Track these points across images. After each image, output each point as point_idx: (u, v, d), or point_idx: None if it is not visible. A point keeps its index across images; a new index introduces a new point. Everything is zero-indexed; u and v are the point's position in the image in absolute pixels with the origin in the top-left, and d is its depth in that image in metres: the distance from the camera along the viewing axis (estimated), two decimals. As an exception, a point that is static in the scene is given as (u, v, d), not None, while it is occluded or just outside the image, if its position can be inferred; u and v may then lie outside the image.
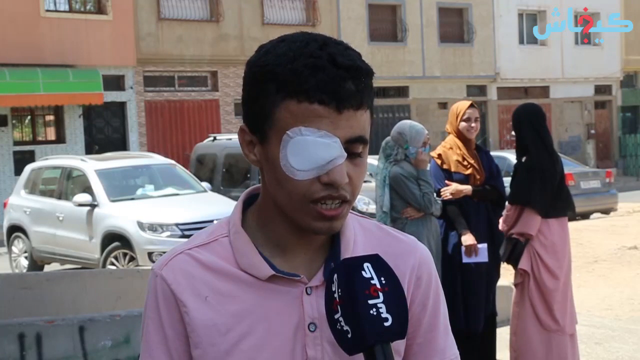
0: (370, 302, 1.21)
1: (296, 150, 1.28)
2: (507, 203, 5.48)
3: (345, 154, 1.29)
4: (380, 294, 1.22)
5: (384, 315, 1.21)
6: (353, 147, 1.30)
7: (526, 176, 5.24)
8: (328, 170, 1.28)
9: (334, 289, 1.24)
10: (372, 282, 1.23)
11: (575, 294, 8.45)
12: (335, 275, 1.25)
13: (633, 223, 14.66)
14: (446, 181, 5.67)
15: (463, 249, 5.59)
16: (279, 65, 1.29)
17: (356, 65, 1.29)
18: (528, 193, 5.20)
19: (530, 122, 5.30)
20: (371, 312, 1.21)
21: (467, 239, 5.58)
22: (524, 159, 5.31)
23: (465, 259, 5.59)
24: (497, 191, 5.70)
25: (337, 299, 1.23)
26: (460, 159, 5.69)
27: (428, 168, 5.68)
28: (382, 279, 1.24)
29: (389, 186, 5.63)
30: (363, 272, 1.23)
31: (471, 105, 5.75)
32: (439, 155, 5.77)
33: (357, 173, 1.32)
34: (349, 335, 1.22)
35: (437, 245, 5.58)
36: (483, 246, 5.59)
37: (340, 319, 1.23)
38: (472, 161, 5.69)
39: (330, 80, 1.26)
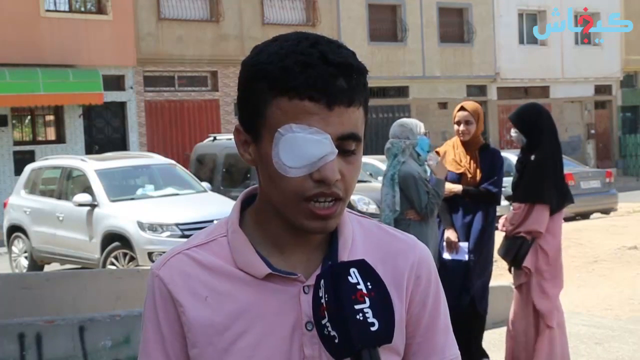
0: (357, 307, 1.22)
1: (287, 148, 1.28)
2: (514, 203, 5.47)
3: (336, 151, 1.29)
4: (367, 299, 1.23)
5: (371, 320, 1.22)
6: (345, 144, 1.30)
7: (538, 172, 5.25)
8: (319, 167, 1.28)
9: (320, 295, 1.25)
10: (359, 287, 1.23)
11: (575, 294, 8.49)
12: (322, 281, 1.26)
13: (633, 223, 14.64)
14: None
15: (444, 244, 5.67)
16: (271, 63, 1.29)
17: (347, 62, 1.30)
18: (541, 190, 5.22)
19: (549, 126, 5.35)
20: (357, 317, 1.21)
21: (450, 235, 5.69)
22: (532, 157, 5.31)
23: (444, 255, 5.68)
24: (488, 193, 5.73)
25: (324, 305, 1.24)
26: (456, 158, 5.82)
27: (444, 177, 5.69)
28: (369, 284, 1.24)
29: (399, 185, 5.64)
30: (349, 278, 1.24)
31: (461, 109, 5.81)
32: (437, 152, 5.94)
33: (351, 170, 1.32)
34: (336, 341, 1.23)
35: (434, 247, 5.60)
36: (464, 244, 5.65)
37: (328, 324, 1.23)
38: (464, 161, 5.78)
39: (320, 76, 1.27)
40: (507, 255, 5.37)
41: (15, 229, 12.75)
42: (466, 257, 5.68)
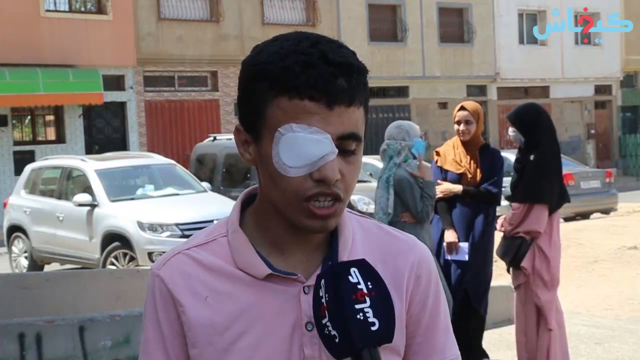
0: (357, 306, 1.22)
1: (288, 147, 1.28)
2: (514, 203, 5.47)
3: (337, 150, 1.29)
4: (367, 299, 1.23)
5: (371, 319, 1.22)
6: (345, 144, 1.30)
7: (538, 172, 5.25)
8: (319, 167, 1.28)
9: (321, 294, 1.25)
10: (359, 287, 1.23)
11: (575, 294, 8.49)
12: (322, 281, 1.26)
13: (633, 223, 14.63)
14: (438, 180, 5.74)
15: (444, 245, 5.68)
16: (271, 63, 1.30)
17: (348, 62, 1.30)
18: (541, 190, 5.21)
19: (548, 126, 5.37)
20: (358, 316, 1.21)
21: (449, 235, 5.68)
22: (532, 157, 5.31)
23: (445, 256, 5.69)
24: (488, 193, 5.73)
25: (325, 304, 1.24)
26: (456, 158, 5.82)
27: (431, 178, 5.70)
28: (369, 283, 1.24)
29: (394, 188, 5.64)
30: (350, 277, 1.24)
31: (462, 108, 5.81)
32: (437, 152, 5.93)
33: (351, 170, 1.32)
34: (337, 340, 1.23)
35: (430, 247, 5.60)
36: (464, 244, 5.65)
37: (328, 323, 1.23)
38: (464, 161, 5.78)
39: (321, 76, 1.27)
40: (506, 255, 5.37)
41: (15, 229, 12.76)
42: (466, 258, 5.68)
